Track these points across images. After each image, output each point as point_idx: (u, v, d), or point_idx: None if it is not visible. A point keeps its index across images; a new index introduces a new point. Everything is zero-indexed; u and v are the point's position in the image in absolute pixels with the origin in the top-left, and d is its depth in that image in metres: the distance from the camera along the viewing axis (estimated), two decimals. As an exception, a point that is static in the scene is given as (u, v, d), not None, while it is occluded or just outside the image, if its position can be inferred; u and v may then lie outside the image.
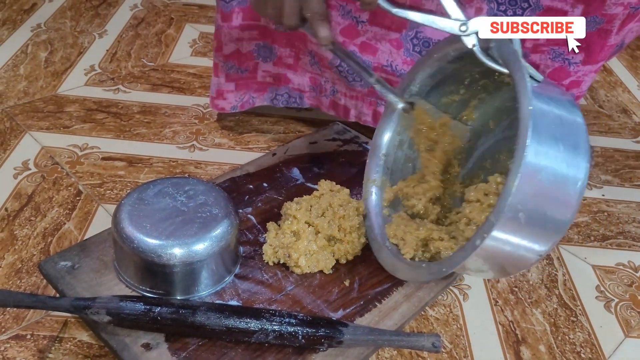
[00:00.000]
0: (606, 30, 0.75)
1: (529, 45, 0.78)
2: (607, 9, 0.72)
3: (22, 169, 0.89)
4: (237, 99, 0.97)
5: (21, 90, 1.07)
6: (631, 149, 1.11)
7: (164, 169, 0.92)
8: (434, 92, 0.76)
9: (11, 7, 1.34)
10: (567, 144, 0.54)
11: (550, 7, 0.74)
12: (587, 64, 0.79)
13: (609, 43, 0.76)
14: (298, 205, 0.73)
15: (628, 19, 0.74)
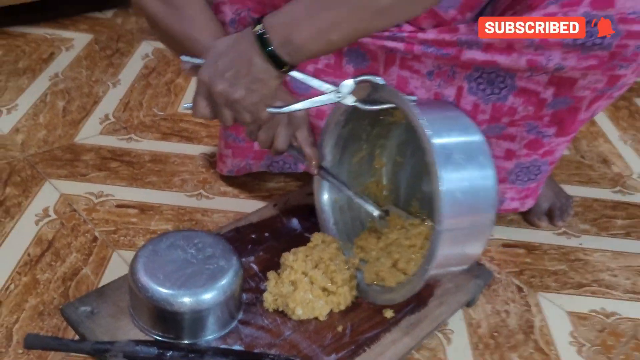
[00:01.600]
0: (576, 108, 0.83)
1: (506, 120, 0.86)
2: (575, 92, 0.81)
3: (42, 216, 0.97)
4: (234, 164, 1.05)
5: (41, 139, 1.15)
6: (609, 198, 1.18)
7: (173, 217, 1.00)
8: (345, 157, 0.87)
9: (30, 57, 1.43)
10: (464, 151, 0.68)
11: (524, 88, 0.82)
12: (560, 136, 0.87)
13: (579, 119, 0.85)
14: (295, 256, 0.81)
15: (595, 99, 0.82)
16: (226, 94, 0.70)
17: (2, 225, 0.94)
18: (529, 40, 0.76)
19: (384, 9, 0.64)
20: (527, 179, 0.94)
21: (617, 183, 1.23)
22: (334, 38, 0.66)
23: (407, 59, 0.86)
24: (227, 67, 0.69)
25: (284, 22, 0.66)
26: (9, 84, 1.31)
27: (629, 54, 0.75)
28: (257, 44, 0.67)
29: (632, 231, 1.10)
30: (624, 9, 0.72)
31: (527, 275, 0.97)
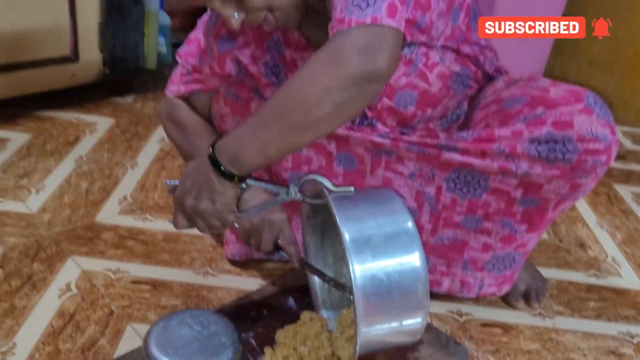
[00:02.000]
0: (544, 209, 0.96)
1: (481, 213, 0.98)
2: (542, 194, 0.93)
3: (65, 290, 1.08)
4: (237, 249, 1.17)
5: (65, 218, 1.28)
6: (584, 282, 1.28)
7: (182, 293, 1.10)
8: (326, 242, 1.00)
9: (58, 140, 1.58)
10: (388, 239, 0.76)
11: (496, 189, 0.95)
12: (530, 232, 0.99)
13: (547, 217, 0.97)
14: (286, 333, 0.91)
15: (560, 201, 0.94)
16: (194, 207, 0.85)
17: (29, 299, 1.05)
18: (499, 149, 0.89)
19: (305, 127, 0.76)
20: (503, 268, 1.05)
21: (592, 267, 1.33)
22: (272, 153, 0.78)
23: (391, 161, 0.99)
24: (192, 185, 0.85)
25: (230, 143, 0.80)
26: (38, 166, 1.45)
27: (588, 166, 0.87)
28: (211, 164, 0.81)
29: (603, 313, 1.19)
30: (581, 130, 0.85)
31: (502, 354, 1.06)
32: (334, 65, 0.72)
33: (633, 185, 1.72)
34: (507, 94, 0.95)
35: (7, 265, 1.12)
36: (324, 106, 0.72)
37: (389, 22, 0.73)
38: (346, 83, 0.71)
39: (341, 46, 0.73)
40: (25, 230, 1.22)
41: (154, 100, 1.87)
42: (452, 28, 0.94)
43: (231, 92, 1.03)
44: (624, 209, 1.59)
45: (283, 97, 0.76)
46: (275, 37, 0.98)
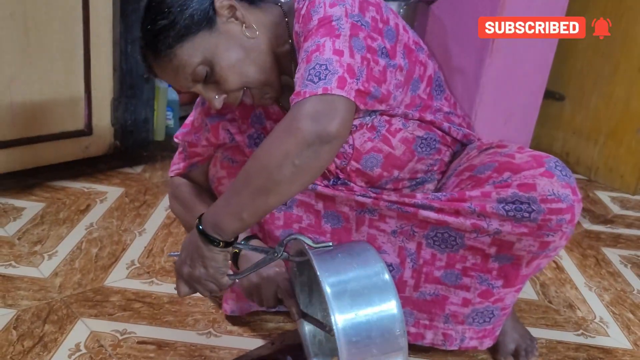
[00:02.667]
0: (518, 264, 1.03)
1: (459, 267, 1.06)
2: (514, 252, 1.01)
3: (74, 351, 1.13)
4: (237, 306, 1.24)
5: (76, 282, 1.34)
6: (572, 341, 1.33)
7: (186, 352, 1.16)
8: (314, 299, 1.06)
9: (70, 208, 1.67)
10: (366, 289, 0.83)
11: (472, 246, 1.02)
12: (506, 287, 1.06)
13: (521, 274, 1.04)
14: None
15: (533, 259, 1.02)
16: (190, 274, 0.95)
17: (40, 359, 1.10)
18: (471, 208, 0.98)
19: (271, 190, 0.84)
20: (482, 321, 1.11)
21: (580, 327, 1.38)
22: (245, 217, 0.87)
23: (374, 220, 1.08)
24: (187, 255, 0.94)
25: (212, 212, 0.90)
26: (51, 233, 1.53)
27: (553, 225, 0.95)
28: (199, 234, 0.90)
29: (591, 371, 1.23)
30: (544, 192, 0.94)
31: (493, 411, 1.10)
32: (291, 132, 0.82)
33: (620, 248, 1.79)
34: (478, 161, 1.04)
35: (20, 327, 1.18)
36: (284, 169, 0.82)
37: (338, 92, 0.84)
38: (302, 146, 0.81)
39: (296, 115, 0.83)
40: (37, 293, 1.29)
41: (162, 169, 1.97)
42: (412, 97, 1.05)
43: (227, 156, 1.14)
44: (611, 271, 1.65)
45: (250, 165, 0.86)
46: (258, 111, 1.11)
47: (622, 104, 2.15)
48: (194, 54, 0.94)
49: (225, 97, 0.99)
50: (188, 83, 0.98)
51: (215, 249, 0.90)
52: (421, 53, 1.06)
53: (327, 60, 0.86)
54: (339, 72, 0.85)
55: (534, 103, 1.92)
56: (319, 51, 0.87)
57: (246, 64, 0.97)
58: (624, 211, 2.06)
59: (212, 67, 0.95)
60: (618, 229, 1.91)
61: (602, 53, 2.16)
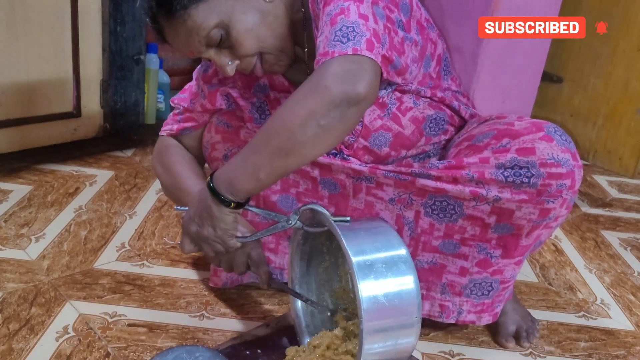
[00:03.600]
0: (517, 235, 1.00)
1: (457, 237, 1.03)
2: (514, 221, 0.97)
3: (62, 333, 1.09)
4: (227, 277, 1.20)
5: (64, 265, 1.30)
6: (574, 322, 1.30)
7: (178, 335, 1.12)
8: (311, 269, 1.05)
9: (58, 191, 1.62)
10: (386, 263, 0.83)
11: (471, 215, 0.99)
12: (505, 258, 1.03)
13: (521, 244, 1.01)
14: None
15: (533, 228, 0.98)
16: (198, 233, 0.92)
17: (26, 341, 1.06)
18: (469, 175, 0.94)
19: (292, 151, 0.81)
20: (480, 294, 1.08)
21: (581, 308, 1.35)
22: (262, 177, 0.83)
23: (371, 187, 1.05)
24: (195, 214, 0.91)
25: (226, 171, 0.86)
26: (39, 215, 1.48)
27: (553, 191, 0.92)
28: (209, 191, 0.87)
29: (593, 353, 1.20)
30: (543, 156, 0.91)
31: (494, 392, 1.07)
32: (318, 91, 0.78)
33: (619, 231, 1.76)
34: (477, 131, 1.01)
35: (6, 310, 1.14)
36: (308, 129, 0.78)
37: (367, 54, 0.81)
38: (329, 107, 0.77)
39: (324, 74, 0.79)
40: (24, 276, 1.25)
41: (153, 153, 1.92)
42: (424, 74, 1.02)
43: (222, 120, 1.10)
44: (611, 253, 1.63)
45: (270, 124, 0.82)
46: (262, 81, 1.07)
47: (621, 84, 2.12)
48: (209, 15, 0.90)
49: (239, 64, 0.95)
50: (201, 47, 0.93)
51: (226, 209, 0.87)
52: (432, 31, 1.04)
53: (354, 23, 0.83)
54: (366, 35, 0.82)
55: (532, 83, 1.89)
56: (344, 14, 0.84)
57: (263, 28, 0.93)
58: (622, 195, 2.04)
59: (228, 30, 0.91)
60: (617, 213, 1.89)
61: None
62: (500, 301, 1.12)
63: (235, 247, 0.93)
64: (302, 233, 0.99)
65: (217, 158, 1.11)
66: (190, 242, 0.94)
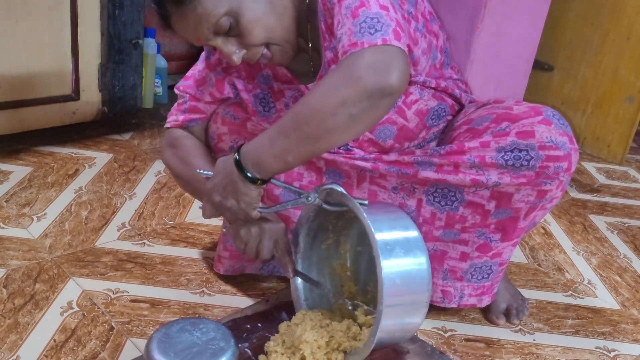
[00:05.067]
0: (515, 218, 1.03)
1: (458, 227, 1.06)
2: (513, 204, 1.01)
3: (66, 308, 1.13)
4: (230, 265, 1.23)
5: (66, 243, 1.33)
6: (562, 301, 1.35)
7: (179, 310, 1.15)
8: (315, 244, 1.09)
9: (58, 172, 1.64)
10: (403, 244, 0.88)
11: (471, 201, 1.03)
12: (504, 241, 1.07)
13: (519, 226, 1.05)
14: (275, 342, 0.98)
15: (530, 210, 1.02)
16: (220, 203, 0.93)
17: (32, 316, 1.09)
18: (470, 160, 0.98)
19: (321, 138, 0.83)
20: (481, 278, 1.12)
21: (569, 288, 1.40)
22: (289, 160, 0.86)
23: (375, 177, 1.08)
24: (219, 184, 0.93)
25: (253, 149, 0.88)
26: (39, 196, 1.51)
27: (550, 172, 0.96)
28: (236, 167, 0.89)
29: (580, 330, 1.25)
30: (542, 138, 0.95)
31: (485, 366, 1.11)
32: (350, 81, 0.79)
33: (607, 216, 1.81)
34: (476, 115, 1.04)
35: (10, 286, 1.17)
36: (338, 118, 0.80)
37: (397, 44, 0.82)
38: (361, 97, 0.79)
39: (356, 64, 0.80)
40: (27, 254, 1.27)
41: (151, 137, 1.95)
42: (430, 66, 1.04)
43: (229, 112, 1.12)
44: (598, 237, 1.67)
45: (301, 109, 0.84)
46: (265, 72, 1.08)
47: (611, 73, 2.16)
48: (219, 3, 0.90)
49: (245, 53, 0.95)
50: (209, 35, 0.93)
51: (252, 185, 0.89)
52: (434, 24, 1.06)
53: (377, 14, 0.84)
54: (392, 25, 0.84)
55: (523, 71, 1.93)
56: (365, 6, 0.85)
57: (272, 17, 0.93)
58: (609, 181, 2.08)
59: (238, 18, 0.91)
60: (604, 198, 1.94)
61: (592, 23, 2.17)
62: (498, 281, 1.16)
63: (256, 218, 0.95)
64: (314, 210, 1.02)
65: (223, 149, 1.13)
66: (211, 208, 0.96)
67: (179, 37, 2.30)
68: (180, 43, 2.34)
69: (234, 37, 0.94)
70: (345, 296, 1.08)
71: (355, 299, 1.08)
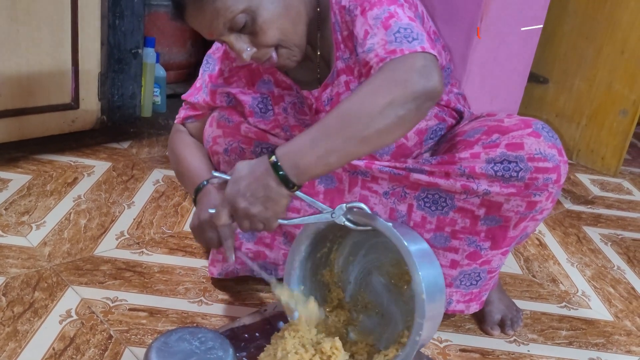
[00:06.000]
0: (505, 227, 1.05)
1: (448, 230, 1.08)
2: (503, 213, 1.03)
3: (65, 316, 1.13)
4: (223, 268, 1.24)
5: (65, 251, 1.34)
6: (556, 313, 1.36)
7: (177, 319, 1.16)
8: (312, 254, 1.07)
9: (57, 181, 1.65)
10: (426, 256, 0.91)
11: (462, 207, 1.05)
12: (494, 249, 1.08)
13: (509, 235, 1.06)
14: (265, 354, 0.98)
15: (520, 220, 1.04)
16: (246, 210, 0.89)
17: (31, 324, 1.10)
18: (460, 170, 1.00)
19: (367, 138, 0.84)
20: (469, 284, 1.13)
21: (563, 299, 1.42)
22: (332, 161, 0.85)
23: (367, 181, 1.10)
24: (247, 189, 0.88)
25: (292, 151, 0.86)
26: (38, 204, 1.52)
27: (539, 184, 0.98)
28: (272, 169, 0.86)
29: (574, 341, 1.27)
30: (531, 150, 0.97)
31: (480, 376, 1.13)
32: (397, 83, 0.82)
33: (601, 227, 1.83)
34: (469, 127, 1.07)
35: (10, 294, 1.17)
36: (386, 118, 0.82)
37: (433, 52, 0.86)
38: (407, 98, 0.81)
39: (402, 68, 0.83)
40: (26, 262, 1.28)
41: (149, 146, 1.96)
42: None
43: (224, 115, 1.15)
44: (592, 248, 1.69)
45: (347, 110, 0.84)
46: (266, 77, 1.11)
47: (605, 86, 2.19)
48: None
49: (255, 52, 0.96)
50: (223, 30, 0.93)
51: (285, 191, 0.87)
52: (438, 43, 1.08)
53: (409, 25, 0.87)
54: (424, 35, 0.87)
55: (519, 84, 1.95)
56: (396, 17, 0.88)
57: (287, 20, 0.94)
58: (603, 193, 2.11)
59: (254, 17, 0.92)
60: (598, 210, 1.96)
61: (586, 36, 2.20)
62: (487, 289, 1.17)
63: (275, 228, 0.93)
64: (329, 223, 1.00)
65: (218, 152, 1.15)
66: (228, 214, 0.92)
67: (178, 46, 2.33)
68: (179, 52, 2.36)
69: (246, 35, 0.95)
70: (334, 304, 1.09)
71: (343, 306, 1.10)
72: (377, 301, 1.08)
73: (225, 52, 1.16)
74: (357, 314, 1.10)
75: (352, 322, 1.09)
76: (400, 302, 1.06)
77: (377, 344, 1.06)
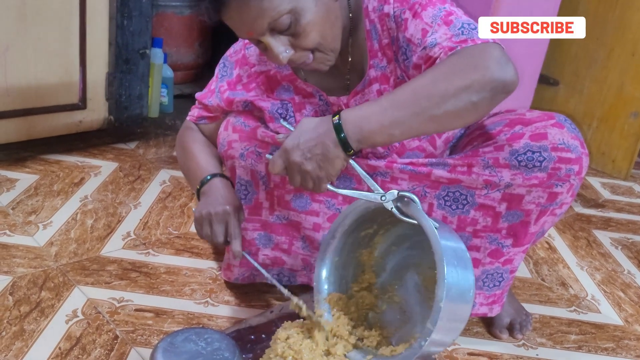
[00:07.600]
0: (527, 222, 1.04)
1: (469, 230, 1.07)
2: (524, 206, 1.02)
3: (72, 316, 1.13)
4: (240, 273, 1.23)
5: (72, 251, 1.33)
6: (565, 317, 1.35)
7: (183, 320, 1.16)
8: (355, 231, 1.04)
9: (64, 181, 1.65)
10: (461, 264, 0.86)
11: (482, 204, 1.04)
12: (516, 246, 1.07)
13: (530, 231, 1.05)
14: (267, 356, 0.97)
15: (541, 214, 1.03)
16: (300, 164, 0.88)
17: (37, 323, 1.10)
18: (484, 161, 1.00)
19: (436, 117, 0.82)
20: (492, 285, 1.12)
21: (572, 303, 1.40)
22: (395, 133, 0.84)
23: (386, 181, 1.09)
24: (306, 145, 0.87)
25: (358, 115, 0.85)
26: (45, 204, 1.52)
27: (562, 175, 0.97)
28: (333, 130, 0.85)
29: (583, 345, 1.25)
30: (555, 140, 0.96)
31: (488, 380, 1.11)
32: (477, 68, 0.80)
33: (611, 231, 1.81)
34: (489, 121, 1.06)
35: (17, 293, 1.17)
36: (459, 102, 0.80)
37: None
38: (485, 85, 0.80)
39: (481, 54, 0.82)
40: (33, 261, 1.28)
41: (156, 146, 1.96)
42: None
43: (240, 119, 1.13)
44: (602, 252, 1.67)
45: (421, 86, 0.83)
46: (285, 84, 1.10)
47: (616, 88, 2.17)
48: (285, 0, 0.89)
49: (293, 54, 0.93)
50: (264, 30, 0.90)
51: (343, 154, 0.86)
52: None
53: (469, 21, 0.88)
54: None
55: (529, 86, 1.94)
56: (454, 14, 0.89)
57: (327, 25, 0.93)
58: (614, 196, 2.08)
59: (298, 18, 0.90)
60: (609, 213, 1.94)
61: (597, 38, 2.18)
62: (507, 290, 1.16)
63: (323, 191, 0.91)
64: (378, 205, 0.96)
65: (234, 156, 1.13)
66: (282, 164, 0.90)
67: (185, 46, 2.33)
68: (186, 53, 2.36)
69: (286, 37, 0.92)
70: (363, 285, 1.08)
71: (371, 291, 1.08)
72: (405, 298, 1.06)
73: (243, 57, 1.13)
74: (382, 303, 1.07)
75: (374, 309, 1.08)
76: (425, 307, 1.03)
77: (390, 338, 1.04)
